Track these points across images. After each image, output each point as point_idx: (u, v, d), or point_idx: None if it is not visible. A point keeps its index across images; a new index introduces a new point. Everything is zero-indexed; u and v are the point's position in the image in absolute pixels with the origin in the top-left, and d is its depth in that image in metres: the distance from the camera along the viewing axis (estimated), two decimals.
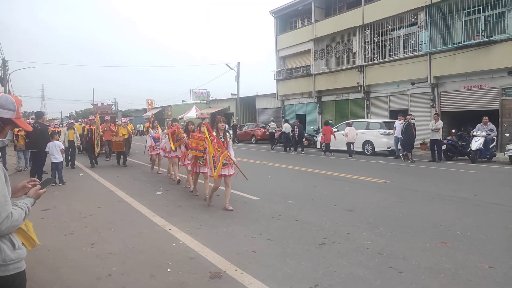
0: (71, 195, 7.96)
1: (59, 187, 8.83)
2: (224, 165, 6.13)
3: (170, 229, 5.26)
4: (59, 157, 9.09)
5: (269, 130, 21.57)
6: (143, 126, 35.75)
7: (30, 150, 11.00)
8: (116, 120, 18.77)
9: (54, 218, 5.99)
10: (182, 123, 37.51)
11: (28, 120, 14.23)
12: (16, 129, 8.57)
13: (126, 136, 13.43)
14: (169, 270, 3.82)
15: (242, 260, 4.03)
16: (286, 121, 20.67)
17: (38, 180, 2.09)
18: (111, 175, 10.68)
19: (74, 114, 75.57)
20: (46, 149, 9.04)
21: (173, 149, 8.70)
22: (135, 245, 4.61)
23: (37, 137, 8.86)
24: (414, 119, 14.10)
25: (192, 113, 37.23)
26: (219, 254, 4.21)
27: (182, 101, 50.72)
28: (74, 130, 12.63)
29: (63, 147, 9.47)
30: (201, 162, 7.19)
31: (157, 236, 4.98)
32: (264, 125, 25.34)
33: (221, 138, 6.24)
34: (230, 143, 6.44)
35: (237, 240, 4.77)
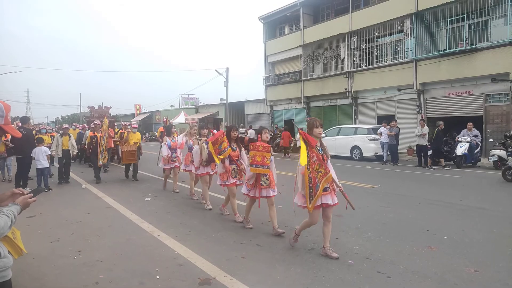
0: (57, 201, 7.83)
1: (45, 193, 8.65)
2: (324, 190, 4.21)
3: (158, 236, 5.22)
4: (45, 163, 8.94)
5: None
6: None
7: (11, 157, 10.69)
8: (116, 124, 16.88)
9: (39, 225, 5.89)
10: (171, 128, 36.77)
11: (13, 125, 13.98)
12: None
13: (138, 144, 10.97)
14: (157, 277, 3.78)
15: (232, 266, 4.03)
16: (250, 127, 22.43)
17: (28, 189, 2.05)
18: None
19: (60, 119, 74.52)
20: (32, 155, 8.90)
21: (217, 161, 6.03)
22: (123, 252, 4.56)
23: (23, 143, 8.72)
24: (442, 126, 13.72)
25: (180, 118, 37.09)
26: (208, 261, 4.19)
27: (171, 106, 50.49)
28: (70, 136, 10.32)
29: (50, 152, 9.29)
30: (263, 183, 5.31)
31: (146, 243, 4.93)
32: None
33: (319, 151, 4.23)
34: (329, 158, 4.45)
35: (227, 246, 4.76)
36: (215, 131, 9.10)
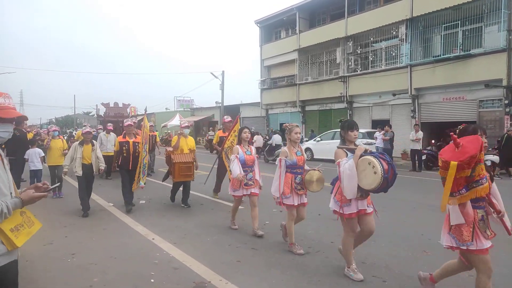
0: (51, 203, 7.76)
1: None
2: None
3: (153, 239, 5.19)
4: (38, 165, 8.87)
5: (209, 137, 24.15)
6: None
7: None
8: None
9: None
10: (166, 131, 36.14)
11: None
12: None
13: (193, 154, 7.70)
14: (152, 280, 3.76)
15: (227, 270, 4.01)
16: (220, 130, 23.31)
17: (49, 184, 2.11)
18: (93, 184, 10.44)
19: (54, 121, 74.07)
20: (25, 156, 8.82)
21: (443, 207, 3.08)
22: (117, 255, 4.53)
23: (15, 144, 8.64)
24: None
25: (175, 121, 36.98)
26: (203, 264, 4.17)
27: (166, 108, 50.38)
28: (93, 145, 7.13)
29: (43, 154, 9.18)
30: None
31: (140, 246, 4.91)
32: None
33: None
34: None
35: (222, 250, 4.74)
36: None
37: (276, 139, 18.64)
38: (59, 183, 5.77)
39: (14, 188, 2.10)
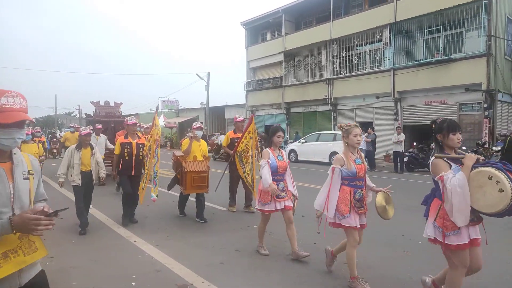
0: None
1: None
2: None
3: (135, 241, 5.12)
4: None
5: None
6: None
7: None
8: (141, 125, 11.54)
9: None
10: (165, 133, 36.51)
11: None
12: None
13: (208, 161, 6.60)
14: (133, 283, 3.70)
15: (210, 272, 3.98)
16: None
17: (48, 210, 1.78)
18: None
19: (35, 121, 72.33)
20: None
21: None
22: (98, 258, 4.45)
23: None
24: None
25: (160, 122, 36.62)
26: (186, 266, 4.13)
27: (150, 109, 49.83)
28: (92, 149, 5.91)
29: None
30: None
31: (122, 249, 4.83)
32: None
33: None
34: None
35: (205, 252, 4.71)
36: None
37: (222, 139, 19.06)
38: (67, 208, 5.03)
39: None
